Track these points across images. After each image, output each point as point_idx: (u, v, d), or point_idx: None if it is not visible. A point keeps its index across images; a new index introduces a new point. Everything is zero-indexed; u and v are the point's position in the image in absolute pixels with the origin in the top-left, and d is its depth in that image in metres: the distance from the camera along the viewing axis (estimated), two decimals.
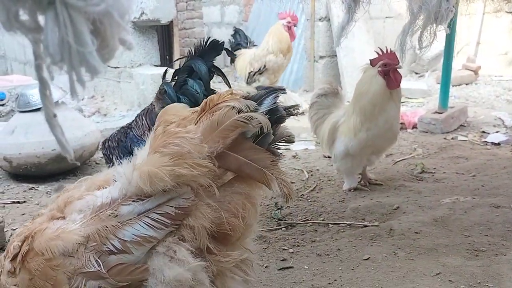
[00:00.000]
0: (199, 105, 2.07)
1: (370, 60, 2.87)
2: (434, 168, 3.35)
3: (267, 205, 2.89)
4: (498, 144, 3.97)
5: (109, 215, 1.14)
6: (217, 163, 1.16)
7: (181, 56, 2.38)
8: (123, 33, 0.50)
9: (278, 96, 1.20)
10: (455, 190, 2.83)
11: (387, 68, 2.74)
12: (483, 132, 4.39)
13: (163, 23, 5.55)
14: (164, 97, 2.20)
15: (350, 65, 6.21)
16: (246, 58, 5.31)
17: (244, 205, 1.21)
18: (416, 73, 7.47)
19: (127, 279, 1.12)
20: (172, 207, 1.14)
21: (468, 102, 5.65)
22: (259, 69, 5.17)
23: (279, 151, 1.27)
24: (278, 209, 2.81)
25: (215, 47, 2.14)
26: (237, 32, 5.67)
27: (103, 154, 2.50)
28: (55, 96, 3.95)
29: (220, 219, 1.17)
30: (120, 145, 2.34)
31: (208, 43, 2.12)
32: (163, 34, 6.58)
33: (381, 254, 2.09)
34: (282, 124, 1.26)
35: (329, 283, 1.91)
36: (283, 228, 2.55)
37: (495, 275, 1.82)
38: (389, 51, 2.80)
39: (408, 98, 6.05)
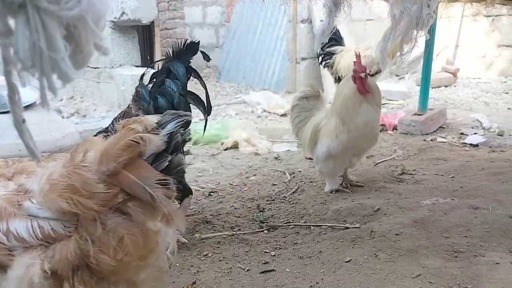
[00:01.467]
0: (174, 105, 2.09)
1: (353, 62, 2.88)
2: (414, 170, 3.39)
3: (249, 208, 2.88)
4: (476, 145, 4.05)
5: (16, 202, 1.21)
6: (112, 182, 1.16)
7: (161, 58, 2.40)
8: (98, 38, 0.48)
9: (182, 121, 1.23)
10: (434, 191, 2.86)
11: (355, 75, 2.76)
12: (462, 133, 4.47)
13: (144, 23, 5.48)
14: (140, 99, 2.24)
15: None
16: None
17: (122, 240, 1.15)
18: (396, 75, 7.56)
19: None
20: (50, 227, 1.17)
21: (447, 104, 5.74)
22: (376, 71, 4.79)
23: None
24: (260, 211, 2.80)
25: (192, 48, 2.20)
26: None
27: None
28: (33, 98, 3.86)
29: (88, 252, 1.14)
30: None
31: (185, 44, 2.17)
32: (144, 34, 6.51)
33: (362, 256, 2.09)
34: (180, 154, 1.27)
35: (311, 286, 1.91)
36: (265, 231, 2.54)
37: (474, 276, 1.84)
38: (360, 57, 2.80)
39: (389, 100, 6.12)
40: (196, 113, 5.84)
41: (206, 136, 4.50)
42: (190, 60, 2.23)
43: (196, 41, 2.22)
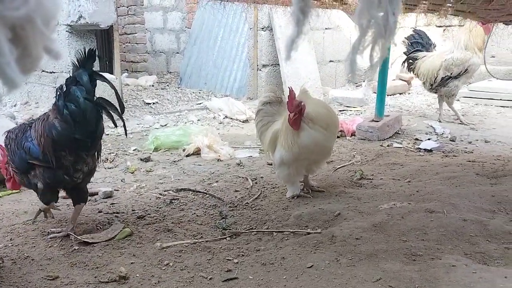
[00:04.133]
0: (82, 109, 2.28)
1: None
2: (372, 175, 3.47)
3: (211, 215, 2.85)
4: (430, 150, 4.20)
5: None
6: None
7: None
8: (48, 40, 0.45)
9: None
10: (392, 195, 2.93)
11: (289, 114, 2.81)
12: (416, 139, 4.62)
13: (103, 27, 5.34)
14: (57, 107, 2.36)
15: (292, 74, 6.32)
16: (435, 63, 5.05)
17: None
18: (354, 83, 7.75)
19: None
20: None
21: (402, 111, 5.93)
22: (459, 73, 4.98)
23: None
24: (223, 218, 2.78)
25: (91, 55, 2.35)
26: (417, 33, 5.40)
27: (4, 143, 2.58)
28: None
29: None
30: (17, 138, 2.45)
31: (86, 53, 2.32)
32: (103, 39, 6.36)
33: (324, 261, 2.11)
34: None
35: None
36: (227, 238, 2.52)
37: (431, 279, 1.89)
38: (291, 94, 2.81)
39: (347, 106, 6.27)
40: (157, 119, 5.74)
41: (167, 143, 4.44)
42: (92, 68, 2.37)
43: (94, 49, 2.40)
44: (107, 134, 4.93)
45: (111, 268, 2.17)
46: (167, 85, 7.87)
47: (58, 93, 2.35)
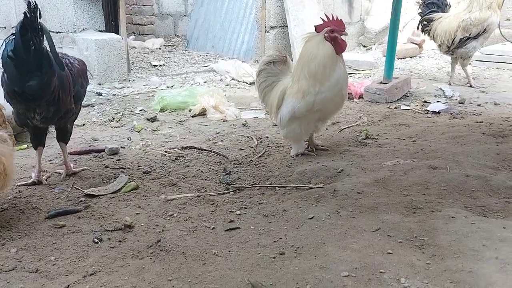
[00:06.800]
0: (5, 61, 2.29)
1: (315, 26, 2.89)
2: (378, 135, 3.46)
3: (216, 171, 2.88)
4: (438, 112, 4.16)
5: None
6: None
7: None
8: None
9: None
10: (396, 154, 2.93)
11: (334, 34, 2.79)
12: (425, 101, 4.57)
13: None
14: None
15: (300, 35, 6.17)
16: (452, 24, 4.92)
17: None
18: (364, 46, 7.62)
19: None
20: None
21: (412, 74, 5.84)
22: (477, 34, 4.84)
23: None
24: (227, 174, 2.81)
25: (28, 7, 2.29)
26: None
27: None
28: None
29: None
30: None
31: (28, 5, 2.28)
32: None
33: (324, 213, 2.14)
34: None
35: (274, 241, 1.94)
36: (231, 192, 2.56)
37: (430, 229, 1.92)
38: (335, 19, 2.85)
39: (356, 69, 6.18)
40: (163, 81, 5.73)
41: (173, 103, 4.44)
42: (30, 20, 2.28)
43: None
44: (114, 95, 4.94)
45: (116, 218, 2.22)
46: (174, 48, 7.80)
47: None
